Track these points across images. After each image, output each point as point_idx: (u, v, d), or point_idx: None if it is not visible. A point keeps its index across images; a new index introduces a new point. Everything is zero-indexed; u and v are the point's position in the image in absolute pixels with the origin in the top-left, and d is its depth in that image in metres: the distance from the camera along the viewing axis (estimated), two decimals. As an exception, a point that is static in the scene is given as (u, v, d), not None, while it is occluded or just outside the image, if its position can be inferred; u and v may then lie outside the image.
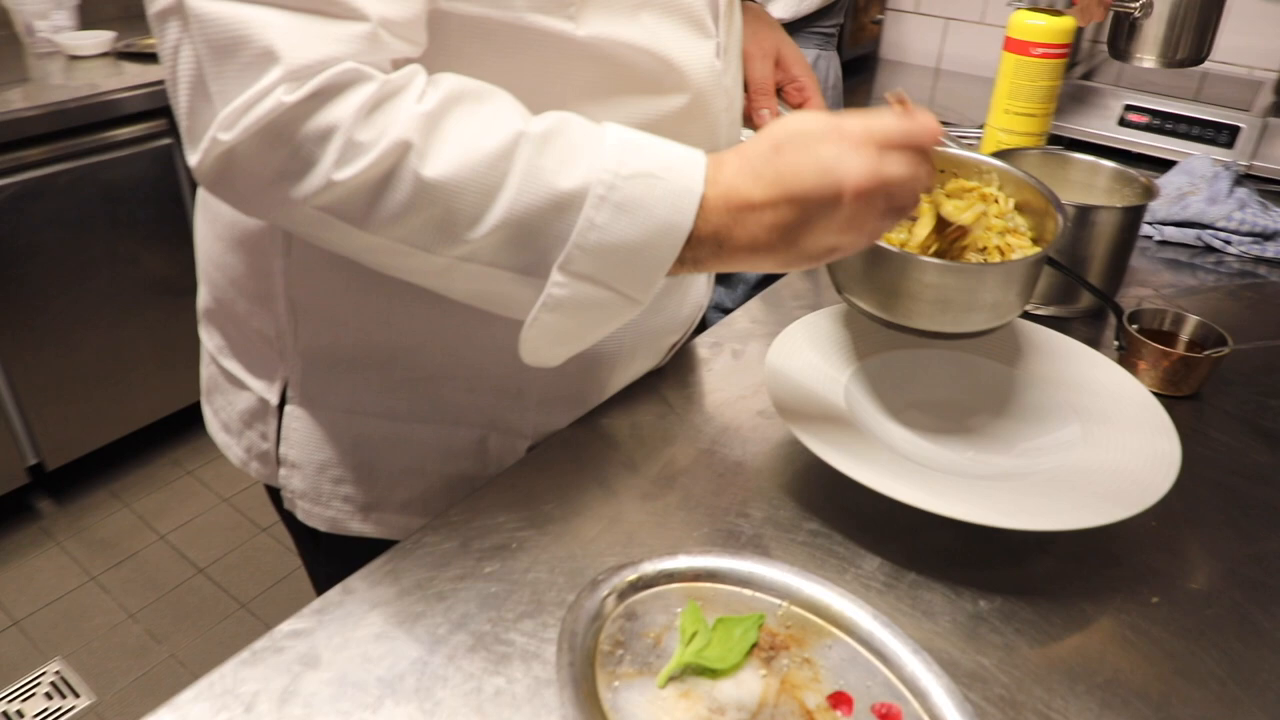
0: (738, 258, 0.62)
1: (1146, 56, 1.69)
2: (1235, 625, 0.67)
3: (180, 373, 2.34)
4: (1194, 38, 1.65)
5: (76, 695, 1.84)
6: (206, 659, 1.92)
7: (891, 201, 0.61)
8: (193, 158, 0.59)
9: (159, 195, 2.17)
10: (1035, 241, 0.82)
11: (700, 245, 0.61)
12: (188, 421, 2.45)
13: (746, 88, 0.91)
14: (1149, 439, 0.77)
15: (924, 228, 0.79)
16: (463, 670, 0.59)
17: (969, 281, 0.75)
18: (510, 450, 0.83)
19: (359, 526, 0.85)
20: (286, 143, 0.55)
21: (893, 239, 0.79)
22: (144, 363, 2.28)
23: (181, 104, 0.58)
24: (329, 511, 0.85)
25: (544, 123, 0.60)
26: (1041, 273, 0.81)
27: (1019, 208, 0.84)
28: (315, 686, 0.58)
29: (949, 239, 0.79)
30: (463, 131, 0.58)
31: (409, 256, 0.60)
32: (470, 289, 0.63)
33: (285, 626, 0.61)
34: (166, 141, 2.13)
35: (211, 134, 0.56)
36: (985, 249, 0.81)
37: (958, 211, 0.79)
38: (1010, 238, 0.82)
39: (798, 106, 0.94)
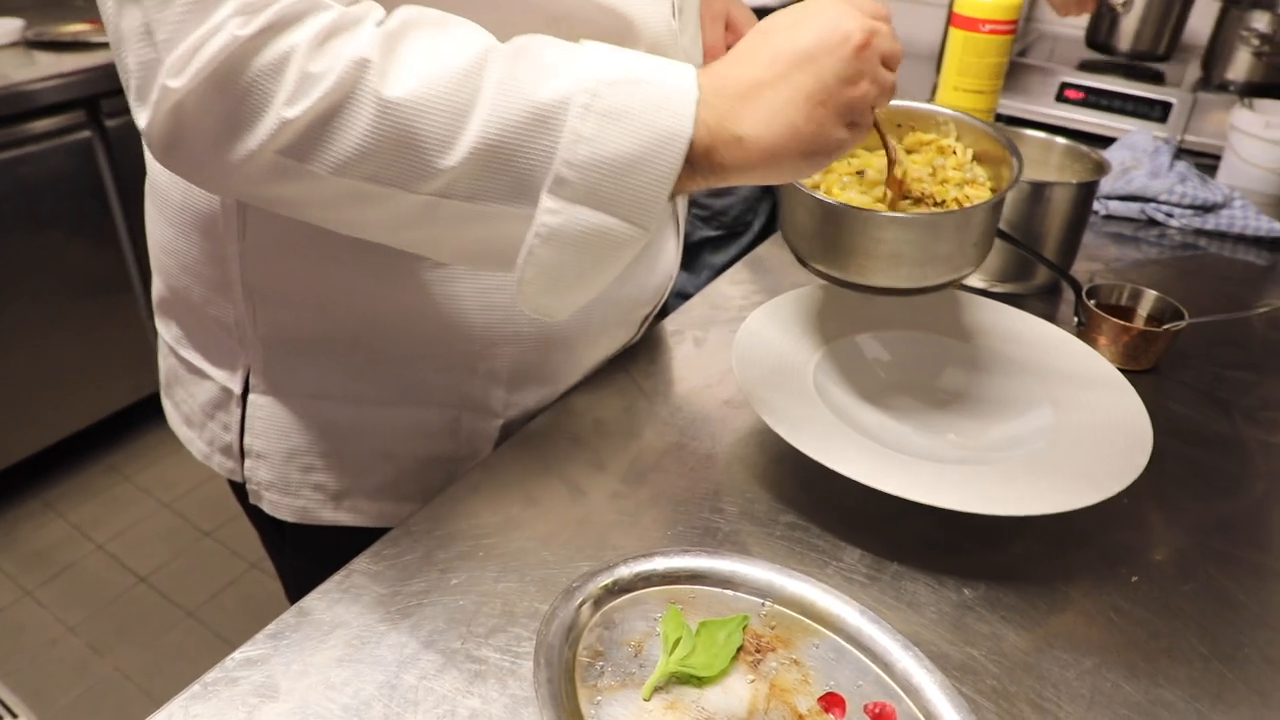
0: (757, 151, 0.57)
1: (1123, 48, 1.74)
2: (1212, 601, 0.66)
3: (114, 375, 2.24)
4: (1167, 31, 1.70)
5: (15, 715, 1.76)
6: (153, 671, 1.85)
7: (885, 56, 0.60)
8: (142, 118, 0.54)
9: (80, 191, 2.06)
10: (995, 191, 0.81)
11: (709, 149, 0.56)
12: (123, 425, 2.35)
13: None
14: (1120, 418, 0.76)
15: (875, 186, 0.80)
16: (434, 693, 0.56)
17: (920, 233, 0.74)
18: (483, 430, 0.80)
19: (331, 515, 0.82)
20: (238, 82, 0.51)
21: (849, 198, 0.79)
22: (74, 366, 2.18)
23: (129, 62, 0.53)
24: (299, 501, 0.82)
25: (515, 41, 0.56)
26: (998, 221, 0.81)
27: (977, 158, 0.84)
28: None
29: (901, 195, 0.78)
30: (427, 48, 0.53)
31: (383, 201, 0.55)
32: (457, 238, 0.58)
33: (238, 655, 0.57)
34: (85, 134, 2.03)
35: (160, 82, 0.51)
36: (944, 202, 0.80)
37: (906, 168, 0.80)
38: (969, 189, 0.81)
39: None
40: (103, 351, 2.21)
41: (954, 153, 0.84)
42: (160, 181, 0.77)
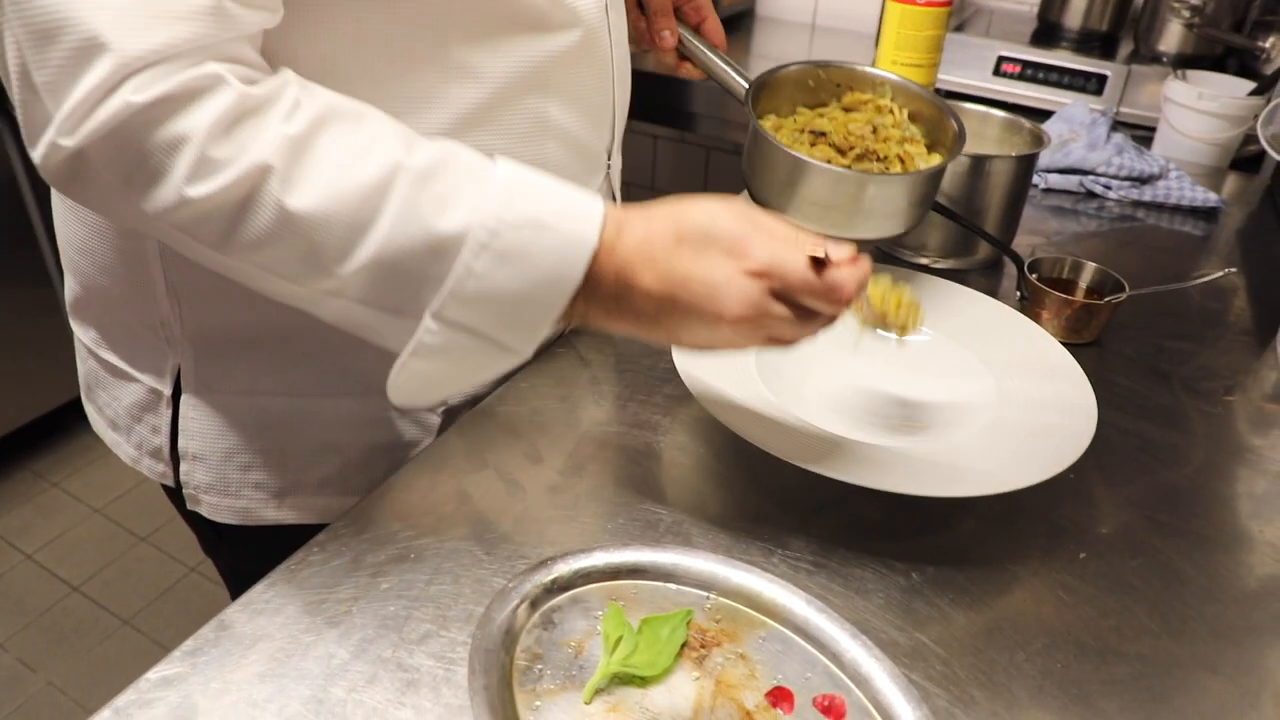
0: (622, 325, 0.59)
1: (1072, 30, 1.75)
2: (1160, 575, 0.66)
3: (33, 379, 2.15)
4: (1111, 6, 1.71)
5: (-59, 738, 1.69)
6: (88, 683, 1.79)
7: (772, 335, 0.58)
8: (35, 157, 0.52)
9: (-11, 188, 1.97)
10: (931, 148, 0.88)
11: (588, 302, 0.57)
12: (47, 431, 2.26)
13: (643, 9, 0.89)
14: (1064, 394, 0.75)
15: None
16: (364, 705, 0.53)
17: (851, 187, 0.80)
18: (425, 418, 0.78)
19: (275, 514, 0.79)
20: (134, 149, 0.50)
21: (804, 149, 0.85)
22: (-10, 371, 2.09)
23: (15, 98, 0.51)
24: (240, 502, 0.79)
25: (427, 154, 0.55)
26: (937, 188, 0.88)
27: (913, 118, 0.89)
28: (194, 740, 0.51)
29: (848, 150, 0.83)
30: (333, 160, 0.52)
31: (272, 282, 0.56)
32: (338, 319, 0.58)
33: (153, 675, 0.54)
34: (-7, 124, 1.94)
35: (50, 139, 0.50)
36: (886, 159, 0.85)
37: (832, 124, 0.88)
38: (908, 146, 0.86)
39: (696, 26, 0.91)
40: (22, 354, 2.12)
41: (891, 112, 0.88)
42: None
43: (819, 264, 0.55)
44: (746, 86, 0.86)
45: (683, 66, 0.91)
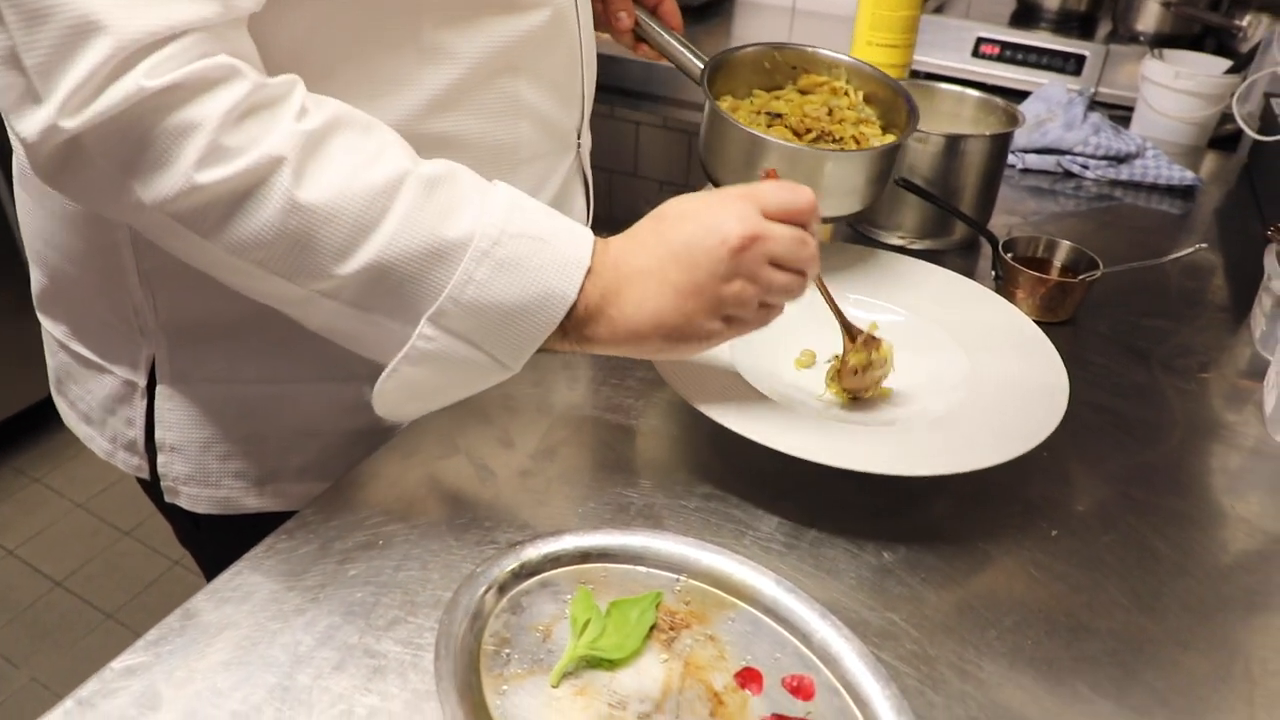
0: (625, 331, 0.60)
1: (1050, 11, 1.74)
2: (1133, 551, 0.66)
3: (10, 374, 2.13)
4: None
5: (-76, 735, 1.68)
6: (72, 679, 1.76)
7: (775, 260, 0.60)
8: (26, 141, 0.51)
9: (-40, 179, 1.95)
10: (885, 129, 0.89)
11: (584, 319, 0.59)
12: (27, 426, 2.24)
13: None
14: (1036, 372, 0.75)
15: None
16: (330, 692, 0.52)
17: (809, 165, 0.82)
18: None
19: (256, 502, 0.79)
20: (138, 134, 0.49)
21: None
22: (-35, 366, 2.06)
23: (2, 84, 0.50)
24: (220, 492, 0.78)
25: (433, 165, 0.57)
26: (892, 166, 0.89)
27: (867, 100, 0.91)
28: (157, 731, 0.50)
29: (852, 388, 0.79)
30: (345, 159, 0.54)
31: (263, 281, 0.56)
32: (327, 325, 0.59)
33: (116, 664, 0.53)
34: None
35: (49, 120, 0.49)
36: (841, 139, 0.86)
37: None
38: (863, 127, 0.88)
39: (653, 9, 0.90)
40: None
41: (846, 94, 0.89)
42: None
43: None
44: (702, 67, 0.86)
45: (640, 49, 0.91)
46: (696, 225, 0.59)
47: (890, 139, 0.87)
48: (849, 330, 0.75)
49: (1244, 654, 0.59)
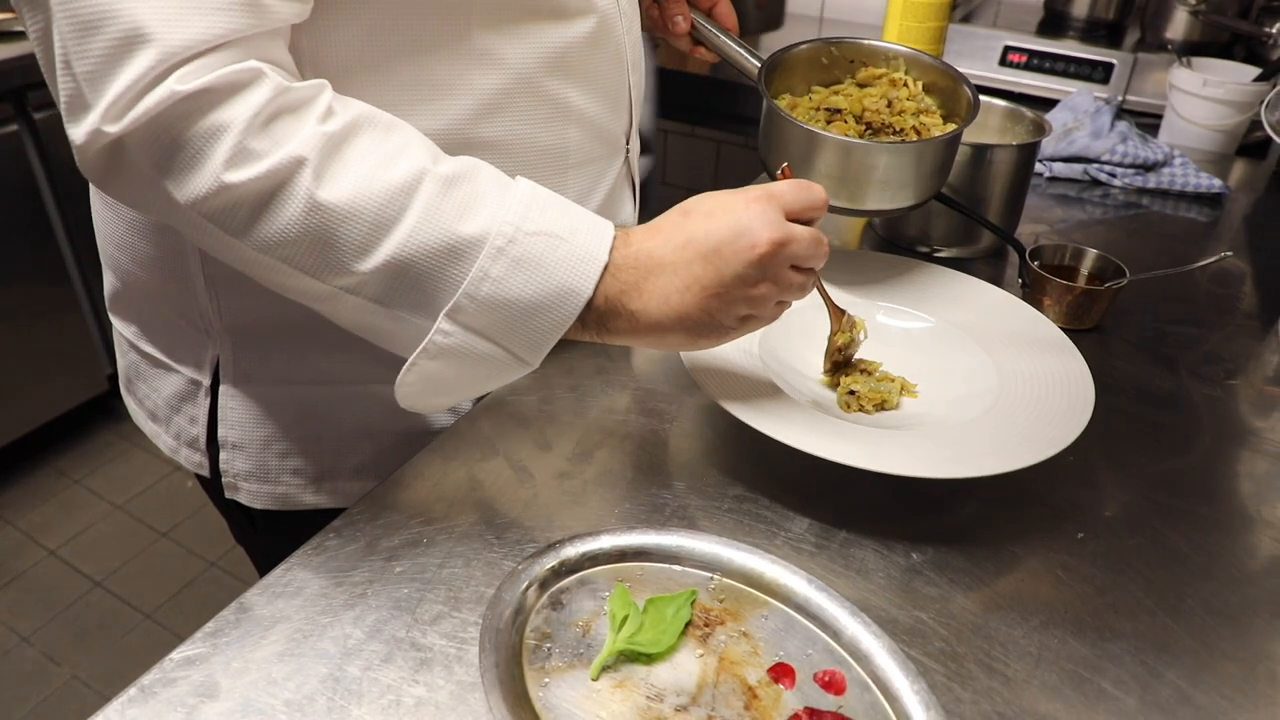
0: (646, 325, 0.61)
1: (1078, 19, 1.75)
2: (1157, 553, 0.67)
3: (58, 376, 2.18)
4: (1119, 1, 1.70)
5: (-31, 730, 1.72)
6: (111, 677, 1.82)
7: (796, 262, 0.62)
8: (74, 143, 0.54)
9: (10, 187, 1.99)
10: (946, 119, 0.88)
11: (604, 313, 0.60)
12: (71, 428, 2.30)
13: None
14: (1063, 378, 0.76)
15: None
16: (379, 683, 0.54)
17: (864, 157, 0.82)
18: (458, 404, 0.79)
19: (312, 499, 0.82)
20: (172, 136, 0.52)
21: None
22: (14, 369, 2.11)
23: (59, 90, 0.54)
24: (279, 488, 0.81)
25: (452, 164, 0.58)
26: (954, 155, 0.89)
27: (927, 89, 0.90)
28: (215, 719, 0.53)
29: (841, 360, 0.82)
30: (364, 160, 0.56)
31: (290, 277, 0.58)
32: (353, 320, 0.61)
33: (176, 655, 0.56)
34: (13, 128, 1.96)
35: (94, 125, 0.52)
36: (903, 130, 0.86)
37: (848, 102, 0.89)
38: (924, 118, 0.87)
39: (708, 10, 0.93)
40: (45, 353, 2.15)
41: (905, 84, 0.89)
42: None
43: None
44: (759, 66, 0.87)
45: (696, 51, 0.93)
46: (725, 228, 0.60)
47: (951, 129, 0.87)
48: (835, 312, 0.78)
49: (1269, 656, 0.60)
